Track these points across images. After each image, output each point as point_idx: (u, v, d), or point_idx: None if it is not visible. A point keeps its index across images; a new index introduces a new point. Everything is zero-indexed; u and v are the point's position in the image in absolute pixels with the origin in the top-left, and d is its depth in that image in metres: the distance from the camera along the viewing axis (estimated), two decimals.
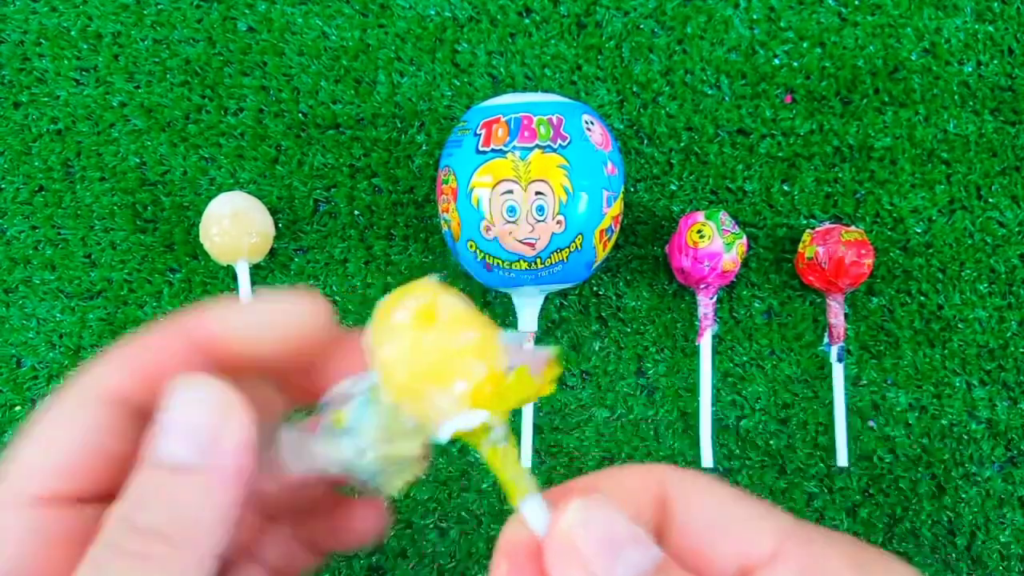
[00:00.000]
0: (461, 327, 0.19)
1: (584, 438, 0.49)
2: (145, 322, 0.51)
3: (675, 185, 0.51)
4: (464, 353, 0.19)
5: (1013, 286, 0.49)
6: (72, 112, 0.52)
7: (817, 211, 0.50)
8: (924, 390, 0.49)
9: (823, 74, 0.51)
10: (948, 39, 0.50)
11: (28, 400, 0.50)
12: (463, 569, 0.49)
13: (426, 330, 0.19)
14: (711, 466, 0.48)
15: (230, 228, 0.47)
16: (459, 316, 0.19)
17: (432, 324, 0.19)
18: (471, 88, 0.51)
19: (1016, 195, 0.50)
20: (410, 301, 0.19)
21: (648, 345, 0.50)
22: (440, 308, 0.19)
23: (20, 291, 0.51)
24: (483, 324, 0.19)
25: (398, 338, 0.19)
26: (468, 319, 0.19)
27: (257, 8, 0.52)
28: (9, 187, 0.52)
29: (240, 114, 0.52)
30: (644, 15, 0.51)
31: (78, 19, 0.52)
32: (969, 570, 0.48)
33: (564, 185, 0.42)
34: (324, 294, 0.50)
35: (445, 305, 0.19)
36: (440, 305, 0.19)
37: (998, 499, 0.48)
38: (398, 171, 0.51)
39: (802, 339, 0.49)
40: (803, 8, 0.51)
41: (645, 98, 0.51)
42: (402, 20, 0.52)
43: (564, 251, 0.43)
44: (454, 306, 0.19)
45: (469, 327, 0.19)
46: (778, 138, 0.50)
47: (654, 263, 0.50)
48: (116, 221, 0.51)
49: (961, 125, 0.50)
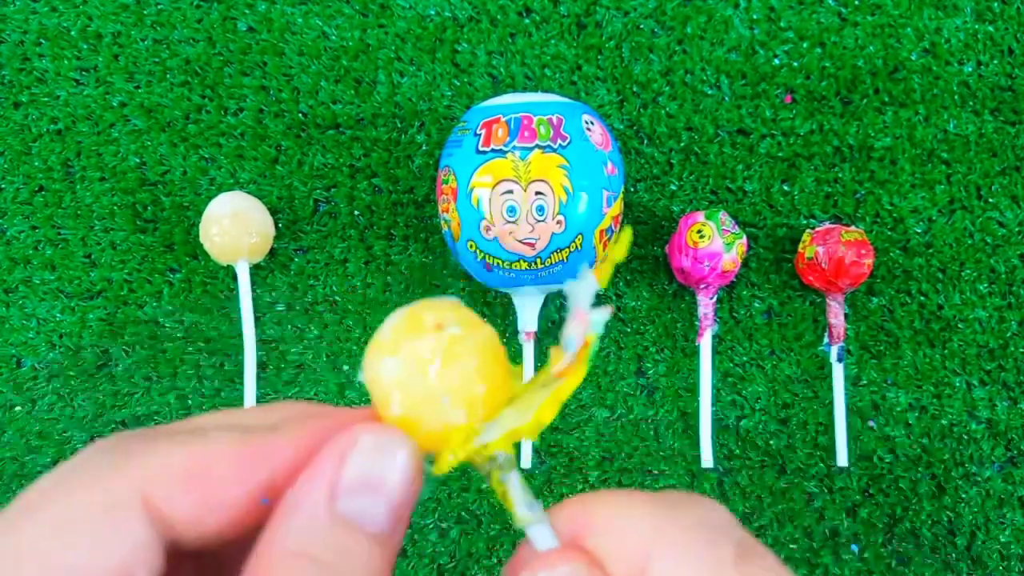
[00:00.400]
0: (449, 369, 0.18)
1: (584, 438, 0.49)
2: (145, 322, 0.51)
3: (675, 185, 0.51)
4: (442, 408, 0.18)
5: (1013, 286, 0.49)
6: (72, 112, 0.52)
7: (817, 211, 0.50)
8: (924, 390, 0.49)
9: (823, 74, 0.51)
10: (948, 39, 0.50)
11: (28, 400, 0.50)
12: (463, 569, 0.49)
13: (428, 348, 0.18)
14: (711, 466, 0.48)
15: (230, 228, 0.47)
16: (465, 330, 0.19)
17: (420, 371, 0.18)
18: (471, 88, 0.51)
19: (1016, 195, 0.50)
20: (408, 321, 0.19)
21: (648, 345, 0.50)
22: (446, 324, 0.18)
23: (20, 291, 0.51)
24: (483, 331, 0.19)
25: (400, 358, 0.18)
26: (469, 337, 0.19)
27: (257, 8, 0.52)
28: (9, 187, 0.52)
29: (240, 114, 0.52)
30: (644, 15, 0.51)
31: (78, 19, 0.52)
32: (969, 570, 0.48)
33: (564, 185, 0.42)
34: (324, 294, 0.50)
35: (451, 320, 0.19)
36: (446, 322, 0.19)
37: (998, 499, 0.48)
38: (398, 171, 0.51)
39: (802, 339, 0.49)
40: (803, 8, 0.51)
41: (645, 98, 0.51)
42: (402, 20, 0.52)
43: (564, 251, 0.43)
44: (459, 325, 0.19)
45: (456, 366, 0.18)
46: (778, 138, 0.50)
47: (654, 263, 0.50)
48: (116, 221, 0.51)
49: (961, 125, 0.50)
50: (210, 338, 0.50)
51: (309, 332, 0.50)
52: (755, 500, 0.49)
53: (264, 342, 0.50)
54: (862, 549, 0.48)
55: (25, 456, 0.50)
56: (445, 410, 0.18)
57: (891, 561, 0.48)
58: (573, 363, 0.19)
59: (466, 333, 0.19)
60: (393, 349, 0.18)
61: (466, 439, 0.18)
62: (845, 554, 0.48)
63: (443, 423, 0.18)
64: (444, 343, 0.18)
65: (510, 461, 0.19)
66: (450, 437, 0.18)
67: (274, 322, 0.50)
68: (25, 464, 0.50)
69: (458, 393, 0.18)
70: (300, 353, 0.50)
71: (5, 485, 0.50)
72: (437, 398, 0.18)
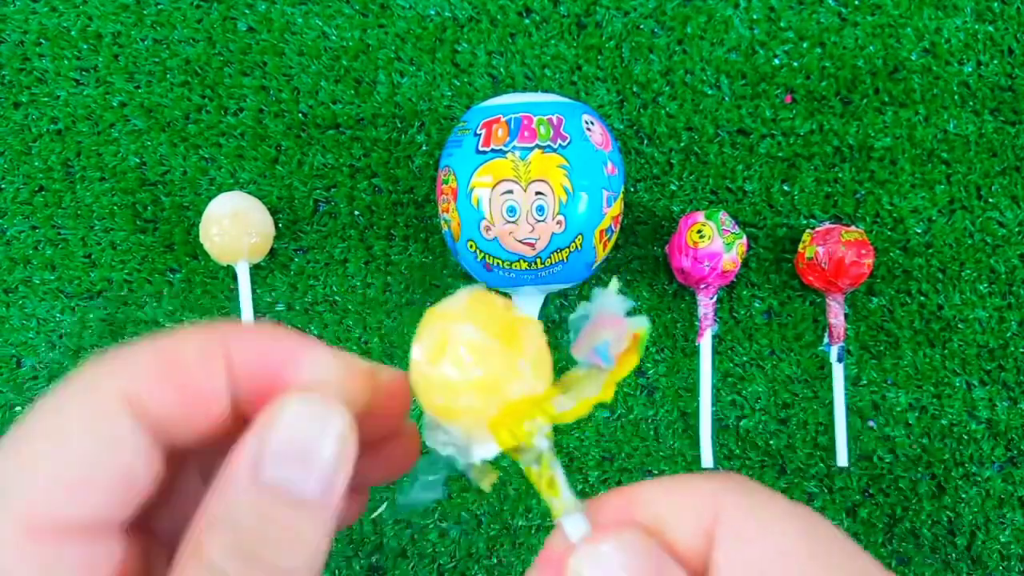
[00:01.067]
0: (522, 344, 0.19)
1: (584, 438, 0.49)
2: (145, 322, 0.51)
3: (675, 185, 0.51)
4: (521, 373, 0.18)
5: (1013, 286, 0.49)
6: (72, 112, 0.52)
7: (817, 211, 0.50)
8: (924, 390, 0.49)
9: (823, 74, 0.51)
10: (948, 39, 0.50)
11: (28, 400, 0.50)
12: (463, 569, 0.49)
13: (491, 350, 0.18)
14: (711, 466, 0.48)
15: (230, 228, 0.47)
16: (518, 332, 0.19)
17: (503, 340, 0.18)
18: (471, 88, 0.51)
19: (1016, 195, 0.50)
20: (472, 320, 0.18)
21: (648, 345, 0.50)
22: (515, 325, 0.19)
23: (20, 291, 0.51)
24: (532, 337, 0.19)
25: (465, 358, 0.18)
26: (527, 335, 0.19)
27: (257, 8, 0.52)
28: (9, 187, 0.52)
29: (240, 114, 0.52)
30: (644, 15, 0.51)
31: (78, 19, 0.52)
32: (969, 570, 0.48)
33: (564, 185, 0.42)
34: (324, 294, 0.50)
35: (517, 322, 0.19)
36: (515, 322, 0.19)
37: (998, 499, 0.48)
38: (398, 171, 0.51)
39: (802, 339, 0.49)
40: (803, 8, 0.51)
41: (645, 98, 0.51)
42: (402, 20, 0.52)
43: (564, 251, 0.43)
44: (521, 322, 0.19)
45: (529, 343, 0.19)
46: (778, 138, 0.50)
47: (654, 263, 0.50)
48: (116, 221, 0.51)
49: (961, 125, 0.50)
50: None
51: (309, 332, 0.50)
52: None
53: None
54: None
55: None
56: (524, 376, 0.18)
57: (891, 561, 0.48)
58: (625, 352, 0.19)
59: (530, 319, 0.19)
60: (470, 317, 0.18)
61: (541, 408, 0.18)
62: None
63: (521, 392, 0.18)
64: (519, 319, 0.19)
65: (553, 448, 0.19)
66: (522, 407, 0.18)
67: (274, 322, 0.50)
68: None
69: (536, 364, 0.19)
70: None
71: None
72: (516, 363, 0.18)
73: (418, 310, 0.50)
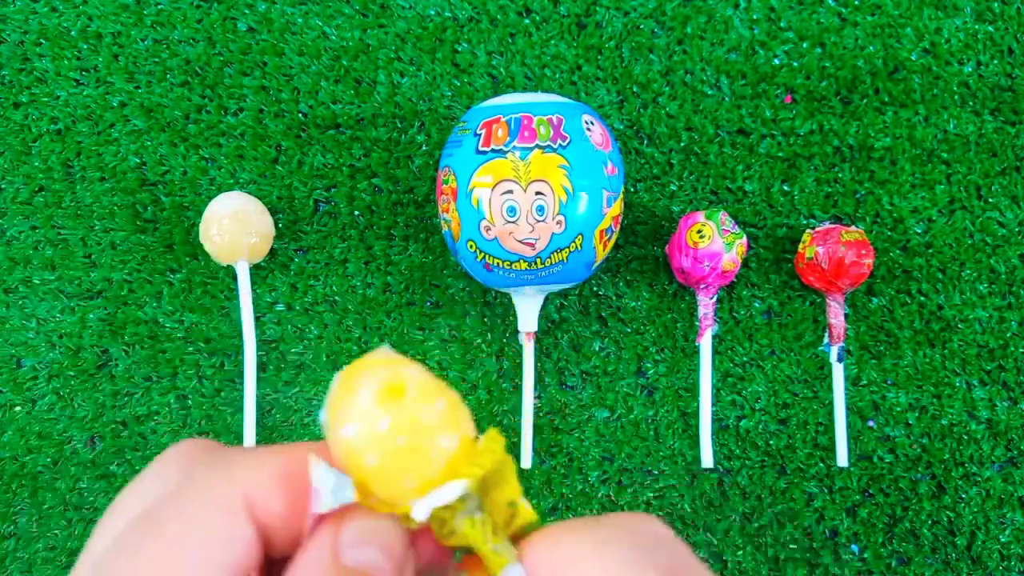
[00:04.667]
0: (428, 400, 0.19)
1: (584, 438, 0.49)
2: (145, 322, 0.51)
3: (675, 185, 0.51)
4: (435, 428, 0.18)
5: (1013, 286, 0.49)
6: (72, 112, 0.52)
7: (817, 211, 0.50)
8: (924, 390, 0.49)
9: (823, 74, 0.51)
10: (948, 39, 0.50)
11: (28, 400, 0.50)
12: None
13: (393, 408, 0.18)
14: (711, 466, 0.48)
15: (230, 228, 0.47)
16: (425, 388, 0.19)
17: (399, 400, 0.18)
18: (471, 88, 0.51)
19: (1016, 195, 0.50)
20: (372, 377, 0.18)
21: (648, 345, 0.50)
22: (406, 381, 0.19)
23: (20, 291, 0.51)
24: (446, 389, 0.19)
25: (364, 419, 0.18)
26: (433, 389, 0.19)
27: (257, 8, 0.52)
28: (9, 187, 0.52)
29: (240, 114, 0.52)
30: (644, 15, 0.51)
31: (78, 19, 0.52)
32: (969, 570, 0.48)
33: (564, 185, 0.42)
34: (324, 294, 0.50)
35: (410, 378, 0.19)
36: (406, 378, 0.19)
37: (998, 499, 0.48)
38: (398, 171, 0.51)
39: (802, 339, 0.49)
40: (803, 8, 0.51)
41: (645, 98, 0.51)
42: (402, 20, 0.52)
43: (564, 251, 0.43)
44: (418, 377, 0.19)
45: (436, 398, 0.19)
46: (778, 138, 0.50)
47: (654, 263, 0.50)
48: (116, 221, 0.51)
49: (961, 125, 0.50)
50: (210, 338, 0.50)
51: (309, 332, 0.50)
52: (755, 500, 0.49)
53: (264, 342, 0.50)
54: (862, 549, 0.48)
55: (25, 456, 0.50)
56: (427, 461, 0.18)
57: (891, 561, 0.48)
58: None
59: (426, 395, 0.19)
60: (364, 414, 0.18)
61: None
62: (845, 554, 0.48)
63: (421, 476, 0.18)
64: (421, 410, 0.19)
65: (479, 502, 0.19)
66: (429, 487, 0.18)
67: (274, 322, 0.50)
68: (25, 464, 0.50)
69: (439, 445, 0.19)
70: (300, 353, 0.50)
71: (5, 485, 0.50)
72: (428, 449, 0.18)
73: (418, 310, 0.50)
